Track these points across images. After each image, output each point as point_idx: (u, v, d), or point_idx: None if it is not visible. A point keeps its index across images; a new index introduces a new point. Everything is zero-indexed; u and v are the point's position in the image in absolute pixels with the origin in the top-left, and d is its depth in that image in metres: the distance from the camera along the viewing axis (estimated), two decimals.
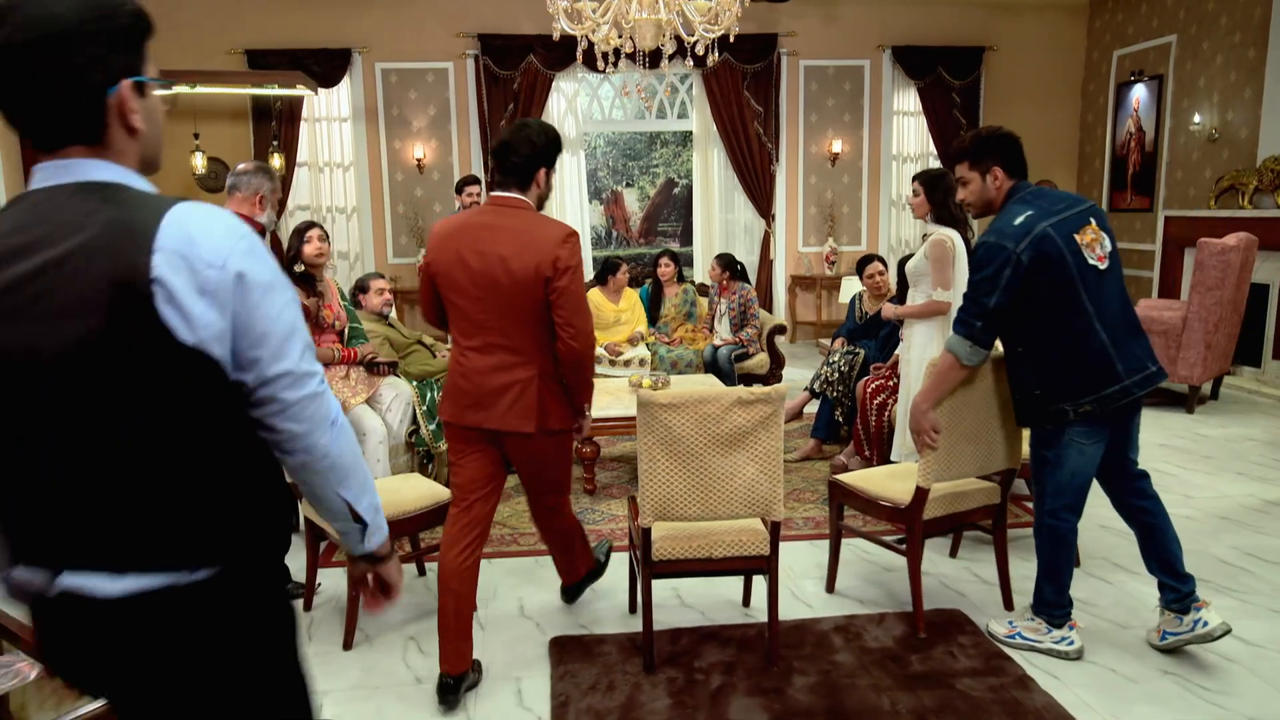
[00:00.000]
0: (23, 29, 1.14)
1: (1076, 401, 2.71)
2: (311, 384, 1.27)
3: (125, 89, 1.24)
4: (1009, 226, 2.67)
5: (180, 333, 1.14)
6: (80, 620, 1.22)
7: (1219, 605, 3.31)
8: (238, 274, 1.18)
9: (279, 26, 8.19)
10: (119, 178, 1.24)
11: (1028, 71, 9.19)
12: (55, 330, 1.13)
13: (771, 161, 8.98)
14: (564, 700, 2.74)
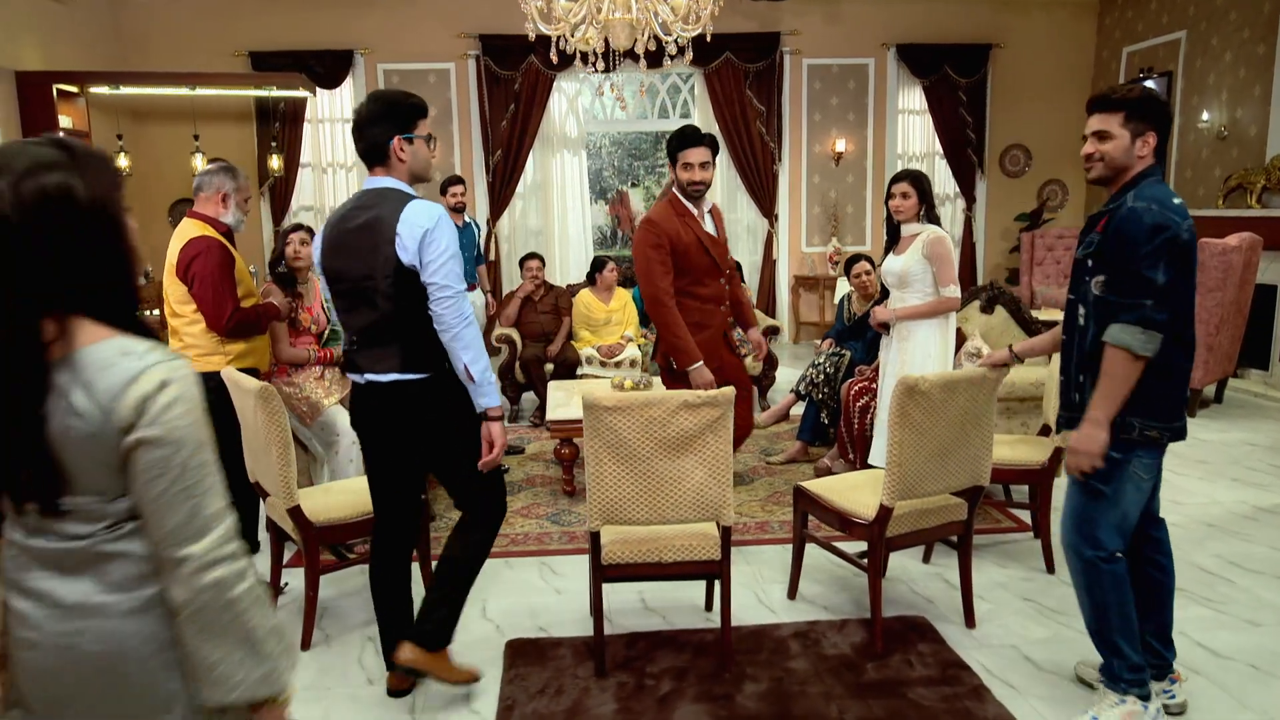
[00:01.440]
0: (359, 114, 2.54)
1: (1147, 421, 2.37)
2: (449, 291, 2.45)
3: (397, 141, 2.52)
4: (1169, 201, 2.31)
5: (403, 257, 2.43)
6: (373, 392, 2.58)
7: (1193, 615, 3.24)
8: (423, 231, 2.42)
9: (282, 28, 8.25)
10: (395, 185, 2.55)
11: (1036, 69, 9.06)
12: (379, 254, 2.45)
13: (774, 161, 8.92)
14: (510, 704, 2.73)
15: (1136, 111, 2.35)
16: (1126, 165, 2.40)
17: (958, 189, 9.26)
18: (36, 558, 1.30)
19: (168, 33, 8.16)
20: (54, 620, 1.28)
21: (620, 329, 6.37)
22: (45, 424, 1.23)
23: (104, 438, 1.23)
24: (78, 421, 1.23)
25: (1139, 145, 2.37)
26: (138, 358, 1.25)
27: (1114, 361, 2.31)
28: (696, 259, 3.84)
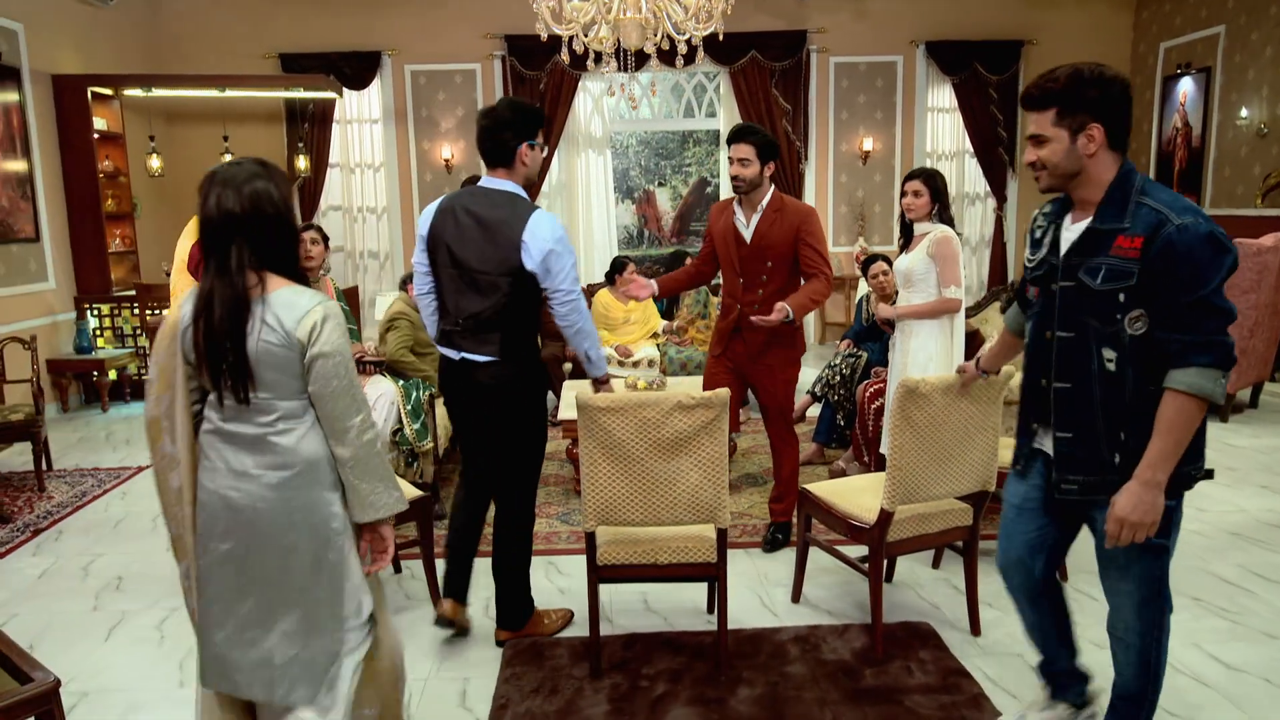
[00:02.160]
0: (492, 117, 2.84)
1: (1195, 464, 2.03)
2: (569, 298, 2.88)
3: (524, 147, 2.86)
4: (1201, 211, 1.92)
5: (527, 263, 2.78)
6: (466, 369, 2.91)
7: (1209, 627, 3.16)
8: (549, 250, 2.79)
9: (311, 30, 8.37)
10: (517, 190, 2.88)
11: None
12: (498, 253, 2.78)
13: (800, 160, 8.86)
14: (504, 703, 2.73)
15: (1068, 103, 1.93)
16: (1074, 169, 1.98)
17: (988, 188, 9.12)
18: (224, 437, 1.98)
19: (202, 36, 8.32)
20: (228, 478, 1.96)
21: (639, 329, 6.37)
22: (245, 341, 1.89)
23: (288, 352, 1.91)
24: (270, 339, 1.90)
25: (1082, 142, 1.94)
26: (307, 299, 1.93)
27: (1187, 413, 1.89)
28: (723, 251, 3.86)
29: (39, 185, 6.50)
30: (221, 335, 1.88)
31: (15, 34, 6.28)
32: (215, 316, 1.88)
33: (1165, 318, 1.89)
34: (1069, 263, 2.00)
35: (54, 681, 2.17)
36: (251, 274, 1.90)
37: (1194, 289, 1.85)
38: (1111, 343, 1.96)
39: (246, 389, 1.91)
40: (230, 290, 1.88)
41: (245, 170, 1.93)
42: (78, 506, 4.62)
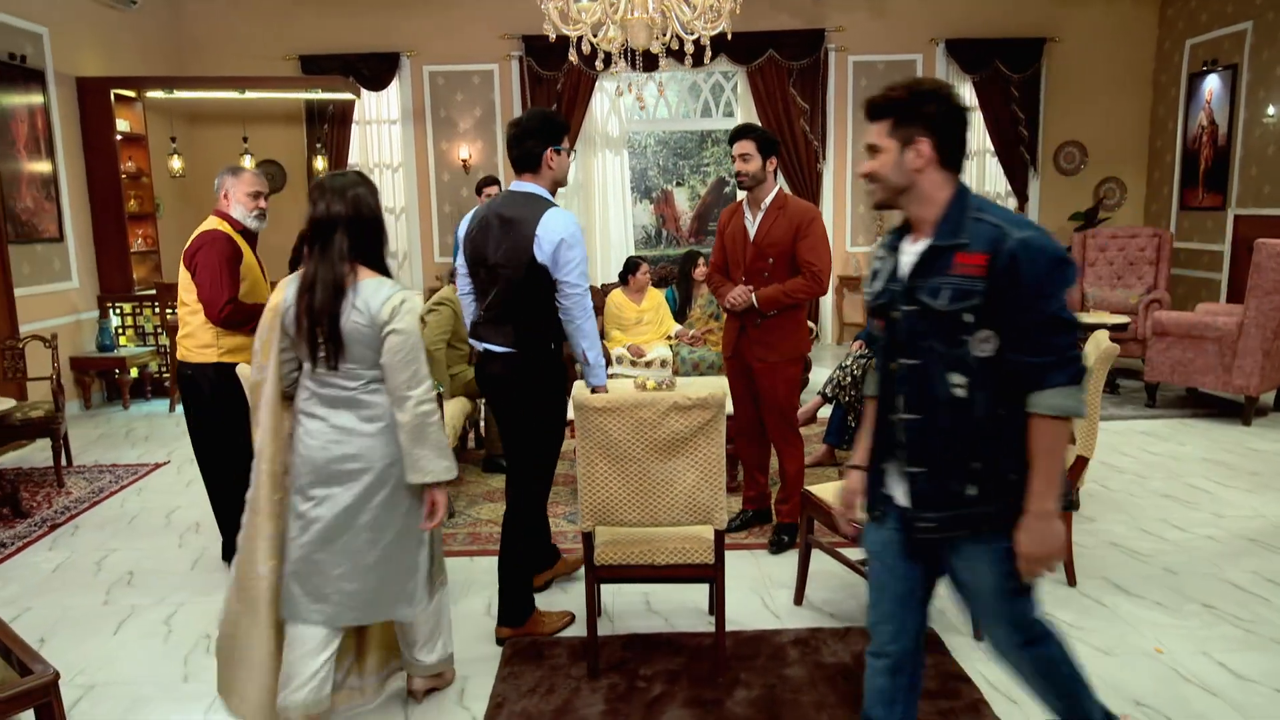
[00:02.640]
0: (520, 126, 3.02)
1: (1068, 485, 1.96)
2: (576, 289, 2.95)
3: (549, 152, 3.01)
4: (1039, 226, 1.87)
5: (539, 256, 2.90)
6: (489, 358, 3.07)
7: (1220, 634, 3.10)
8: (560, 240, 2.90)
9: (331, 32, 8.44)
10: (539, 191, 3.02)
11: (1093, 63, 8.75)
12: (514, 249, 2.92)
13: (818, 159, 8.81)
14: (500, 701, 2.74)
15: (903, 115, 1.87)
16: (903, 184, 1.89)
17: (1009, 187, 9.01)
18: (324, 400, 2.39)
19: (224, 38, 8.42)
20: (325, 433, 2.37)
21: (651, 329, 6.36)
22: (339, 319, 2.30)
23: (370, 329, 2.31)
24: (357, 318, 2.31)
25: (910, 156, 1.86)
26: (388, 288, 2.35)
27: (1053, 435, 1.82)
28: (731, 251, 3.90)
29: (63, 186, 6.62)
30: (320, 313, 2.30)
31: (40, 37, 6.40)
32: (316, 297, 2.30)
33: (1017, 338, 1.81)
34: (911, 285, 1.89)
35: (53, 674, 2.20)
36: (347, 264, 2.32)
37: (1042, 305, 1.79)
38: (959, 367, 1.85)
39: (338, 357, 2.33)
40: (331, 276, 2.30)
41: (348, 180, 2.38)
42: (94, 502, 4.70)
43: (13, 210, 6.04)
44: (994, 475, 1.87)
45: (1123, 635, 3.10)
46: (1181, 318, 6.01)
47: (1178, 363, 6.02)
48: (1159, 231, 7.69)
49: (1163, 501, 4.42)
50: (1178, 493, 4.54)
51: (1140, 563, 3.71)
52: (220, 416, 3.50)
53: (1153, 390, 6.27)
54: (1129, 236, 7.77)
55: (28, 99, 6.25)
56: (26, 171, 6.22)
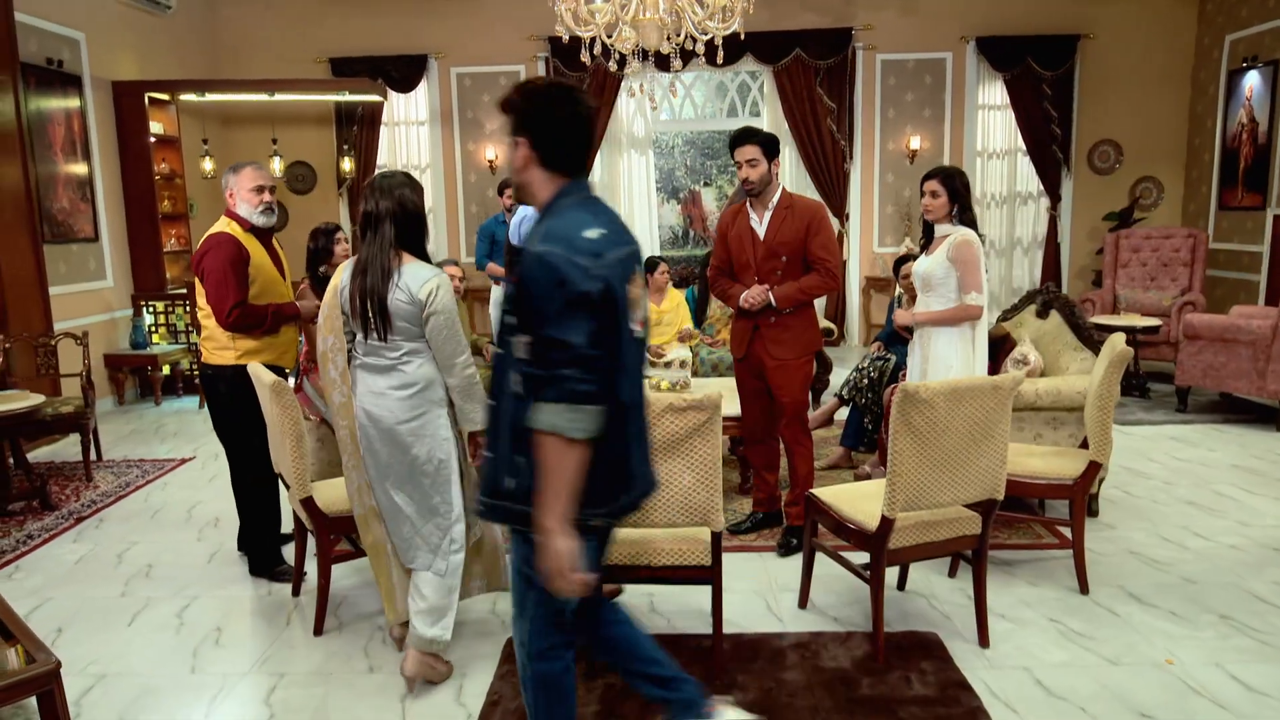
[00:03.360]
0: None
1: (589, 511, 1.90)
2: None
3: None
4: (579, 235, 1.83)
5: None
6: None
7: (1235, 646, 3.02)
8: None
9: (360, 35, 8.56)
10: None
11: (1129, 60, 8.57)
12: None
13: (845, 159, 8.74)
14: (496, 699, 2.76)
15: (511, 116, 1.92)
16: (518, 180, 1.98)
17: (1041, 187, 8.87)
18: (367, 368, 2.80)
19: (257, 41, 8.58)
20: (371, 398, 2.77)
21: (671, 330, 6.35)
22: (387, 299, 2.68)
23: (411, 307, 2.69)
24: (401, 298, 2.69)
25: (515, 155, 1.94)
26: (427, 272, 2.72)
27: (548, 450, 1.79)
28: (737, 253, 3.89)
29: (98, 187, 6.79)
30: (371, 292, 2.68)
31: (77, 42, 6.57)
32: (368, 280, 2.69)
33: (528, 348, 1.82)
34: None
35: (55, 664, 2.27)
36: (392, 251, 2.70)
37: (539, 321, 1.79)
38: (514, 365, 1.88)
39: (385, 331, 2.71)
40: (379, 261, 2.69)
41: (396, 180, 2.77)
42: (120, 496, 4.81)
43: (49, 211, 6.21)
44: (532, 476, 1.85)
45: (1133, 645, 3.04)
46: (1213, 320, 5.86)
47: (1209, 367, 5.87)
48: (1194, 232, 7.51)
49: (1187, 509, 4.32)
50: (1203, 500, 4.43)
51: (1158, 571, 3.63)
52: (239, 417, 3.57)
53: (1184, 395, 6.12)
54: (1163, 237, 7.60)
55: (65, 103, 6.41)
56: (63, 173, 6.39)
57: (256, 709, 2.79)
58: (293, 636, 3.24)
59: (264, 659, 3.08)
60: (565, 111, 1.88)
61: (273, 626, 3.32)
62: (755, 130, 3.79)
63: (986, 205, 9.02)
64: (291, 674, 2.98)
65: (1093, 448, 3.38)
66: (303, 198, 8.91)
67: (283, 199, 8.89)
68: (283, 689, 2.89)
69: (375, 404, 2.76)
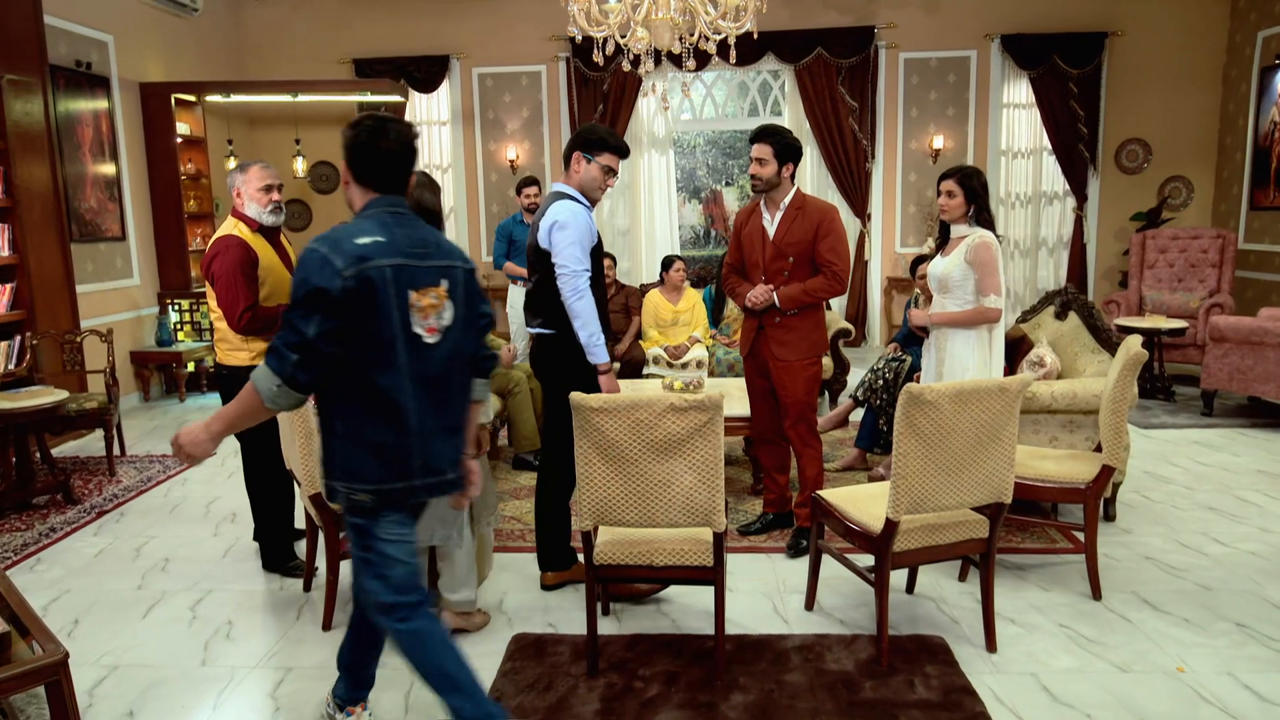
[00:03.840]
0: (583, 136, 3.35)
1: (351, 485, 2.17)
2: (564, 270, 3.19)
3: (577, 154, 3.32)
4: (347, 242, 2.08)
5: (541, 241, 3.28)
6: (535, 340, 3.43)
7: (1250, 655, 2.96)
8: (553, 223, 3.21)
9: (384, 36, 8.63)
10: (563, 189, 3.35)
11: (1159, 57, 8.43)
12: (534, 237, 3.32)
13: (867, 159, 8.67)
14: (497, 696, 2.77)
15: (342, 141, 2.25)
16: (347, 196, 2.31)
17: (1067, 186, 8.74)
18: None
19: (283, 43, 8.69)
20: None
21: (688, 330, 6.34)
22: None
23: None
24: None
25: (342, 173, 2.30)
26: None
27: (246, 395, 2.11)
28: (748, 252, 3.89)
29: (126, 187, 6.90)
30: None
31: (106, 45, 6.69)
32: None
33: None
34: None
35: (63, 655, 2.31)
36: None
37: (291, 304, 2.09)
38: None
39: None
40: None
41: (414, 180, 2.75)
42: (141, 491, 4.90)
43: (78, 210, 6.33)
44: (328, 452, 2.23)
45: (1144, 652, 2.99)
46: (1239, 323, 5.74)
47: (1236, 370, 5.76)
48: (1222, 233, 7.37)
49: (1207, 514, 4.24)
50: (1225, 505, 4.35)
51: (1174, 578, 3.57)
52: None
53: (1209, 398, 6.01)
54: (1190, 238, 7.46)
55: (93, 104, 6.53)
56: (91, 173, 6.51)
57: (263, 702, 2.83)
58: (302, 631, 3.28)
59: (273, 653, 3.12)
60: (371, 141, 2.18)
61: (283, 621, 3.36)
62: (775, 130, 3.75)
63: (1011, 205, 8.91)
64: (299, 668, 3.02)
65: (1106, 451, 3.33)
66: (326, 197, 9.00)
67: (306, 198, 9.00)
68: (289, 683, 2.93)
69: None
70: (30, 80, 5.61)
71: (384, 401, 2.14)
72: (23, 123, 5.54)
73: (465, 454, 2.37)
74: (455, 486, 2.33)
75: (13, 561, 3.94)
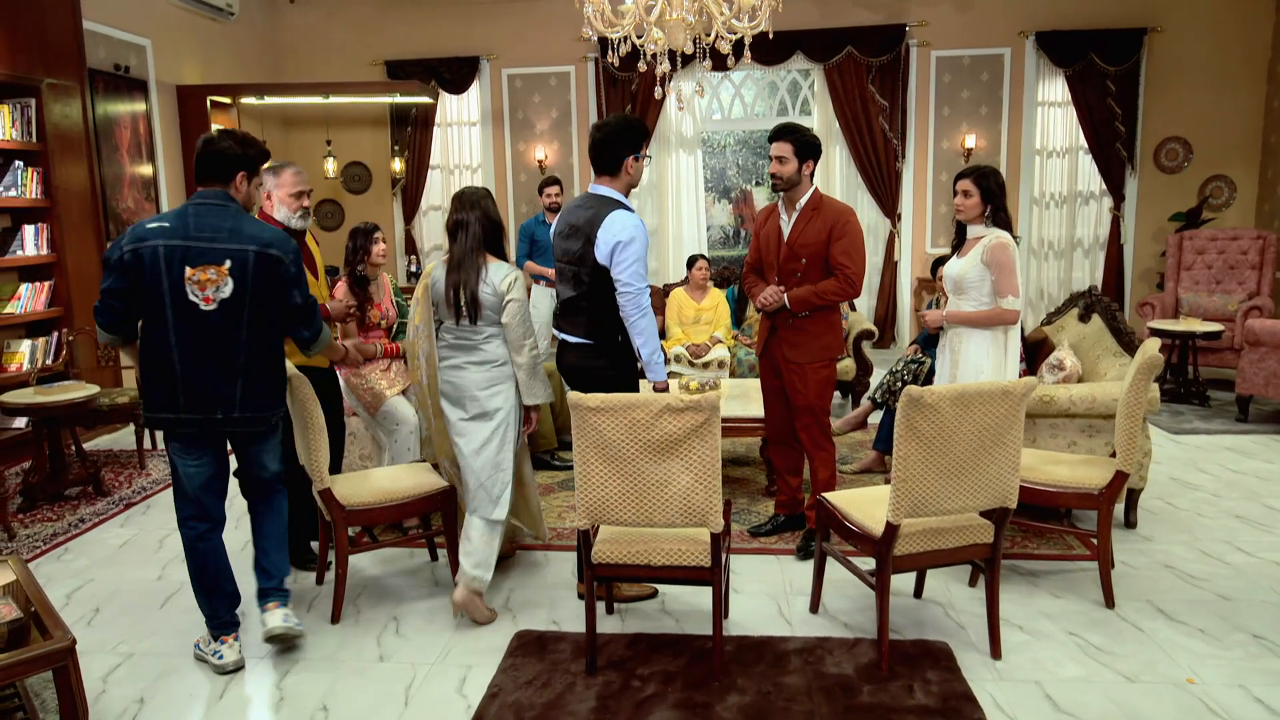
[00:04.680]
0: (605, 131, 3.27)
1: (147, 412, 2.92)
2: (629, 289, 3.17)
3: (630, 158, 3.28)
4: (140, 224, 2.83)
5: (599, 257, 3.19)
6: (565, 347, 3.40)
7: (1265, 668, 2.88)
8: (616, 242, 3.14)
9: (415, 38, 8.73)
10: (613, 194, 3.28)
11: (1200, 53, 8.22)
12: (583, 247, 3.22)
13: (897, 158, 8.57)
14: (495, 692, 2.80)
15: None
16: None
17: (1104, 186, 8.56)
18: (454, 347, 3.29)
19: (318, 45, 8.83)
20: (455, 371, 3.28)
21: (710, 329, 6.34)
22: (477, 291, 3.18)
23: (494, 298, 3.20)
24: (486, 290, 3.19)
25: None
26: (506, 270, 3.24)
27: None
28: (765, 252, 3.89)
29: (162, 187, 7.08)
30: (463, 285, 3.18)
31: (144, 49, 6.86)
32: (462, 275, 3.19)
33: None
34: None
35: (70, 641, 2.38)
36: (479, 251, 3.22)
37: None
38: None
39: (475, 317, 3.21)
40: (471, 260, 3.19)
41: (479, 193, 3.29)
42: (168, 484, 5.02)
43: (115, 210, 6.50)
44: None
45: (1153, 662, 2.93)
46: (1276, 326, 5.58)
47: (1273, 374, 5.60)
48: (1263, 234, 7.17)
49: (1233, 523, 4.13)
50: (1252, 514, 4.24)
51: (1192, 587, 3.49)
52: None
53: (1244, 404, 5.85)
54: (1230, 239, 7.27)
55: (131, 107, 6.71)
56: (129, 174, 6.68)
57: (268, 692, 2.89)
58: (311, 624, 3.33)
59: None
60: (199, 147, 2.90)
61: (294, 613, 3.42)
62: (794, 128, 3.73)
63: (1045, 205, 8.75)
64: (305, 659, 3.08)
65: (1120, 456, 3.26)
66: (358, 197, 9.14)
67: (338, 198, 9.15)
68: (295, 674, 2.99)
69: (459, 376, 3.26)
70: (69, 84, 5.78)
71: (156, 350, 2.81)
72: (61, 125, 5.71)
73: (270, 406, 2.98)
74: (232, 426, 2.91)
75: (42, 551, 4.07)
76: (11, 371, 5.41)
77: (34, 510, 4.60)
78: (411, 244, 9.14)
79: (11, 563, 2.82)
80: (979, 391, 2.73)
